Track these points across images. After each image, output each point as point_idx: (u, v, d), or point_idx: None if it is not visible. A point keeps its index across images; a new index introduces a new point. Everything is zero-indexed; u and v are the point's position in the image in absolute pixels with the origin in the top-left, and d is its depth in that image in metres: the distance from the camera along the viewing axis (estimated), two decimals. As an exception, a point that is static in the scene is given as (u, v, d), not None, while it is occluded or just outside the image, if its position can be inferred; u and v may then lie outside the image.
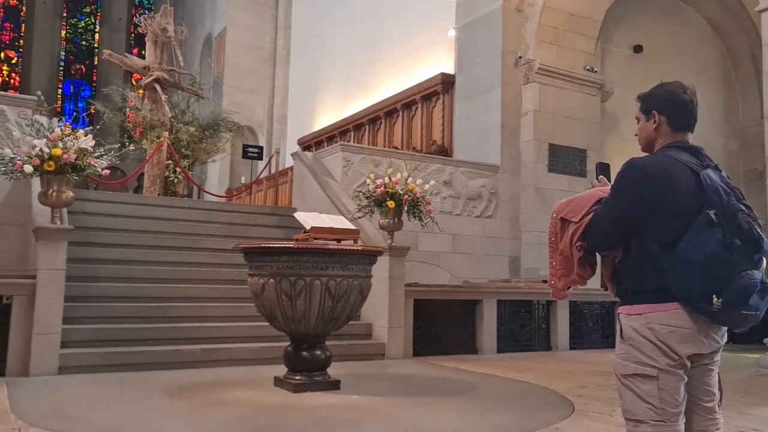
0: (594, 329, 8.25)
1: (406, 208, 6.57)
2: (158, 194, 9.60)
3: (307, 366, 4.63)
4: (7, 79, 21.94)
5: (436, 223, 6.91)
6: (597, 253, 2.09)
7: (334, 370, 4.81)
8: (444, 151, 10.52)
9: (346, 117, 13.79)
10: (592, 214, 2.03)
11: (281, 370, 4.76)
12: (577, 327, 8.08)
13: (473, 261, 9.16)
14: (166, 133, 9.73)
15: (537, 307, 7.78)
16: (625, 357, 1.95)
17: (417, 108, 11.70)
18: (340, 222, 5.19)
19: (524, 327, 7.67)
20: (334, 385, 4.65)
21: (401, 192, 6.50)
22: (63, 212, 5.43)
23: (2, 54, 21.97)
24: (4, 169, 5.20)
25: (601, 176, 2.21)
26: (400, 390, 5.02)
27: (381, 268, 6.30)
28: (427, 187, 6.73)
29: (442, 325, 7.11)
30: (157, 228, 7.20)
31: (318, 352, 4.68)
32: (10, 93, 19.72)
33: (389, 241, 6.70)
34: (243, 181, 15.06)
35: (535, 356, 7.17)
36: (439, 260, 8.84)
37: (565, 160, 9.78)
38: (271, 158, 13.00)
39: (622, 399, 1.98)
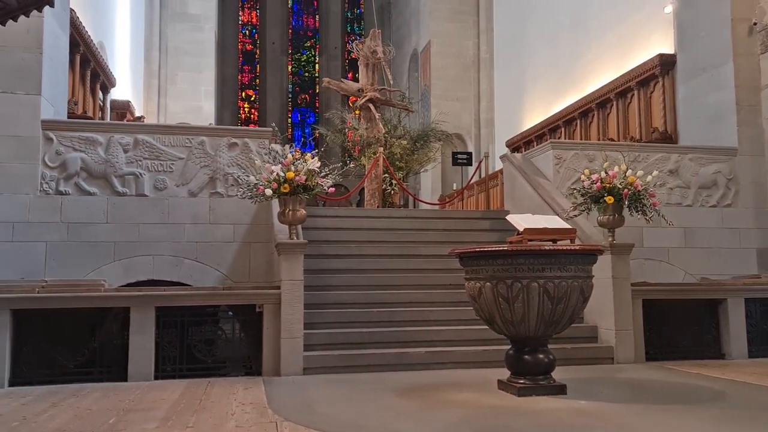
0: None
1: (626, 202, 6.15)
2: (377, 206, 10.21)
3: (530, 369, 4.57)
4: (248, 114, 25.13)
5: (662, 216, 6.36)
6: None
7: (558, 374, 4.67)
8: (667, 138, 9.64)
9: (554, 113, 13.35)
10: None
11: (503, 373, 4.75)
12: None
13: (711, 256, 8.22)
14: (381, 149, 10.32)
15: (797, 305, 6.73)
16: None
17: (633, 95, 10.90)
18: (555, 222, 5.04)
19: (782, 329, 6.69)
20: (559, 390, 4.52)
21: (620, 186, 6.10)
22: (298, 228, 6.06)
23: (243, 93, 25.23)
24: (250, 194, 6.00)
25: None
26: (634, 396, 4.70)
27: (603, 268, 5.98)
28: (649, 178, 6.24)
29: (678, 327, 6.51)
30: (378, 238, 7.65)
31: (540, 356, 4.59)
32: (251, 127, 22.59)
33: (610, 239, 6.33)
34: (454, 188, 15.36)
35: (798, 363, 6.21)
36: (669, 256, 8.09)
37: (822, 133, 8.35)
38: (480, 163, 13.08)
39: None
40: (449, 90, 17.98)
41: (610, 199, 6.09)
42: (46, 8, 2.90)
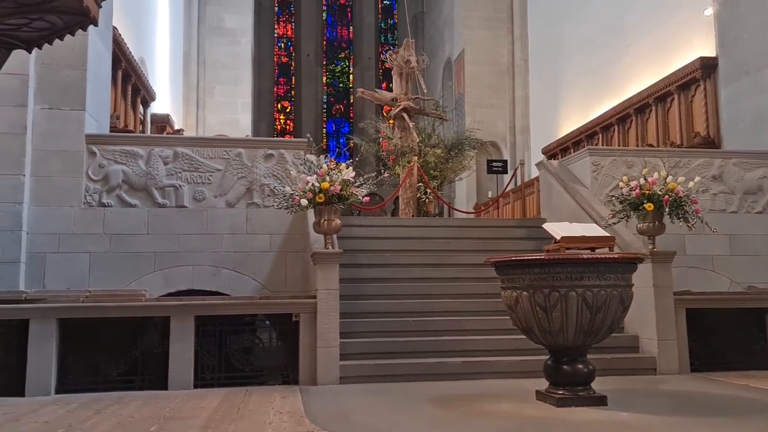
0: None
1: (667, 209, 6.02)
2: (412, 215, 10.21)
3: (569, 380, 4.49)
4: (284, 126, 25.46)
5: (706, 223, 6.20)
6: None
7: (598, 385, 4.58)
8: (710, 143, 9.41)
9: (591, 119, 13.17)
10: None
11: (541, 383, 4.68)
12: None
13: (759, 264, 7.95)
14: (416, 158, 10.33)
15: None
16: None
17: (672, 99, 10.68)
18: (593, 230, 4.97)
19: (834, 339, 6.43)
20: (600, 401, 4.43)
21: (660, 192, 5.98)
22: (333, 238, 6.10)
23: (279, 105, 25.58)
24: (285, 204, 6.07)
25: None
26: (678, 408, 4.58)
27: (644, 276, 5.87)
28: (691, 184, 6.10)
29: (724, 337, 6.34)
30: (413, 247, 7.64)
31: (580, 366, 4.51)
32: (287, 138, 22.88)
33: (650, 247, 6.20)
34: (490, 196, 15.25)
35: None
36: (714, 264, 7.86)
37: None
38: (515, 170, 12.97)
39: None
40: (483, 98, 17.90)
41: (649, 206, 5.97)
42: (90, 27, 3.00)
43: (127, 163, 7.02)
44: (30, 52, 3.20)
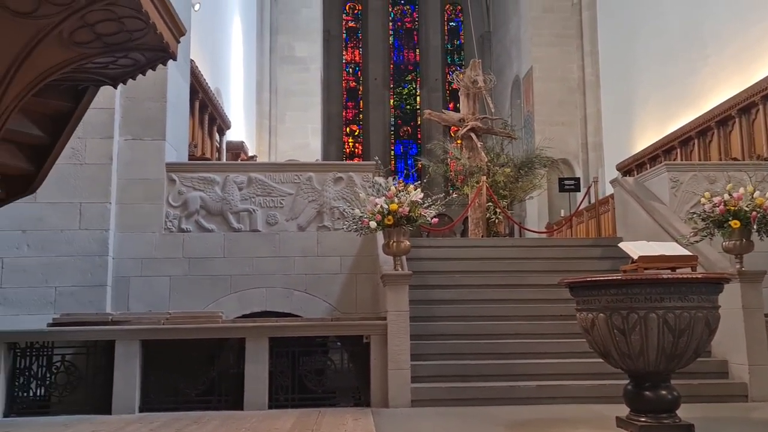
0: None
1: (755, 226, 5.69)
2: (482, 235, 10.09)
3: (651, 407, 4.27)
4: (352, 149, 25.87)
5: (798, 240, 5.81)
6: None
7: (684, 413, 4.34)
8: (800, 155, 8.87)
9: (668, 133, 12.67)
10: None
11: (620, 409, 4.48)
12: None
13: None
14: (484, 177, 10.24)
15: None
16: None
17: (758, 110, 10.13)
18: (672, 248, 4.75)
19: None
20: (686, 430, 4.19)
21: (746, 208, 5.66)
22: (403, 260, 6.11)
23: (348, 129, 26.04)
24: (355, 226, 6.13)
25: None
26: (773, 440, 4.27)
27: (731, 297, 5.55)
28: (780, 199, 5.74)
29: (822, 362, 5.87)
30: (483, 268, 7.54)
31: (663, 392, 4.28)
32: (356, 161, 23.23)
33: (738, 266, 5.86)
34: (562, 215, 14.89)
35: None
36: (810, 284, 7.34)
37: None
38: (589, 188, 12.61)
39: None
40: (553, 115, 17.59)
41: (735, 223, 5.66)
42: (170, 61, 3.17)
43: (204, 189, 7.30)
44: (116, 88, 3.41)
